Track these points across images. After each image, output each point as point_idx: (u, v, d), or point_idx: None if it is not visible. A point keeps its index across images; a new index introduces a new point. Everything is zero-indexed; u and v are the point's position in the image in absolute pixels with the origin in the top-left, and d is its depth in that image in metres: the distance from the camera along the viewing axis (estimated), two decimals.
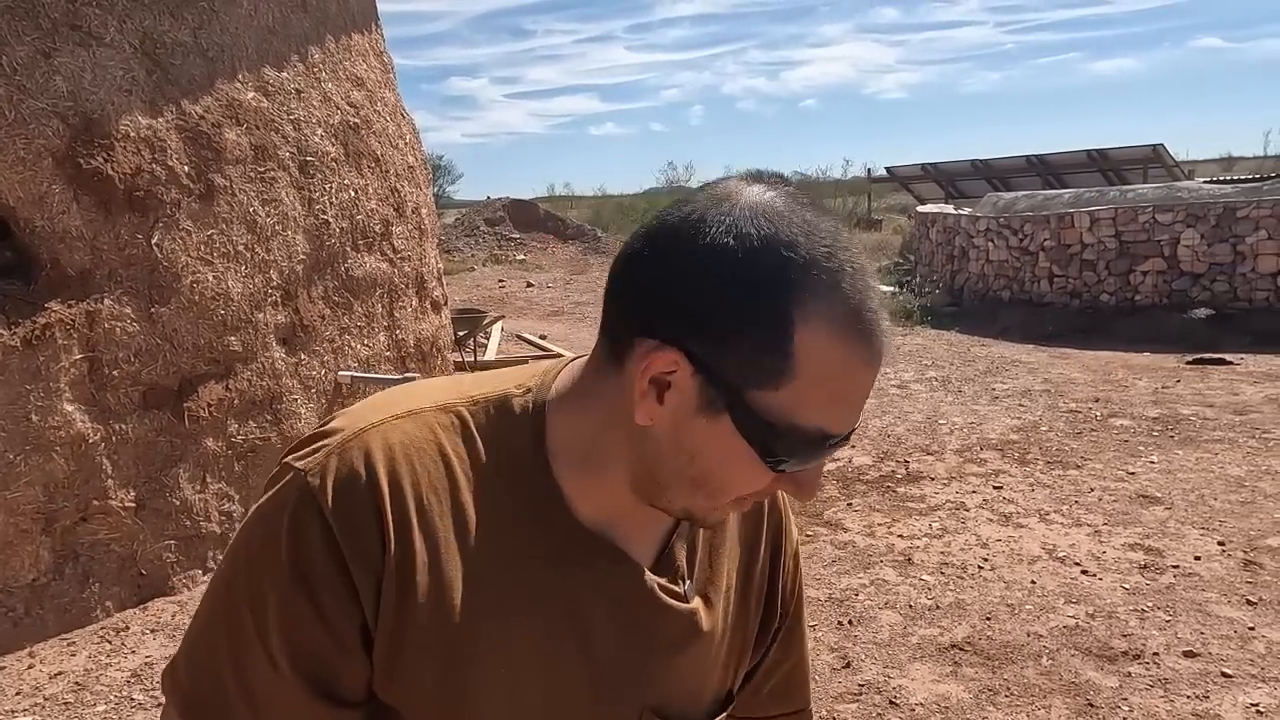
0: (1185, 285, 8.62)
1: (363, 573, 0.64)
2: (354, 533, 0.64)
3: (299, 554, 0.64)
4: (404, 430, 0.69)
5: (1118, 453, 5.13)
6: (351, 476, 0.65)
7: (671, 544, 0.75)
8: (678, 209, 0.65)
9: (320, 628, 0.65)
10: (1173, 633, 3.12)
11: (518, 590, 0.69)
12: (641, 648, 0.73)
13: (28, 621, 3.17)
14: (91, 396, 3.30)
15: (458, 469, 0.69)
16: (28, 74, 3.14)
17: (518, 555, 0.69)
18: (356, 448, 0.67)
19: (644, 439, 0.66)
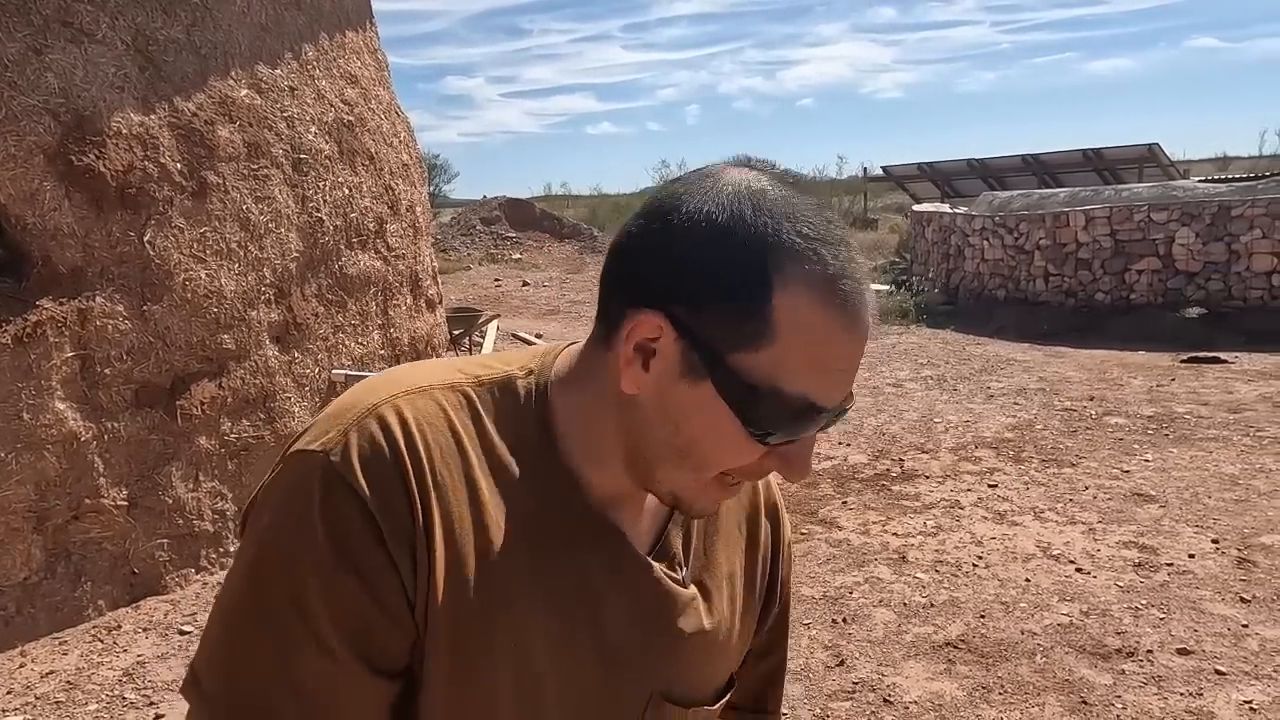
0: (1180, 284, 8.63)
1: (399, 543, 0.64)
2: (387, 504, 0.64)
3: (336, 532, 0.63)
4: (415, 404, 0.69)
5: (1112, 451, 5.13)
6: (375, 449, 0.65)
7: (667, 531, 0.76)
8: (666, 187, 0.68)
9: (370, 603, 0.64)
10: (1166, 630, 3.12)
11: (530, 569, 0.69)
12: (651, 631, 0.73)
13: (19, 620, 3.15)
14: (83, 394, 3.29)
15: (468, 446, 0.69)
16: (19, 71, 3.13)
17: (529, 534, 0.69)
18: (374, 421, 0.66)
19: (633, 410, 0.67)
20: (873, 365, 7.75)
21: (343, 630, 0.64)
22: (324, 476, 0.64)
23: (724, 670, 0.81)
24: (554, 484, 0.71)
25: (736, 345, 0.62)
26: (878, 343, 8.79)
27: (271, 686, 0.65)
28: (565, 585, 0.70)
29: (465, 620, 0.67)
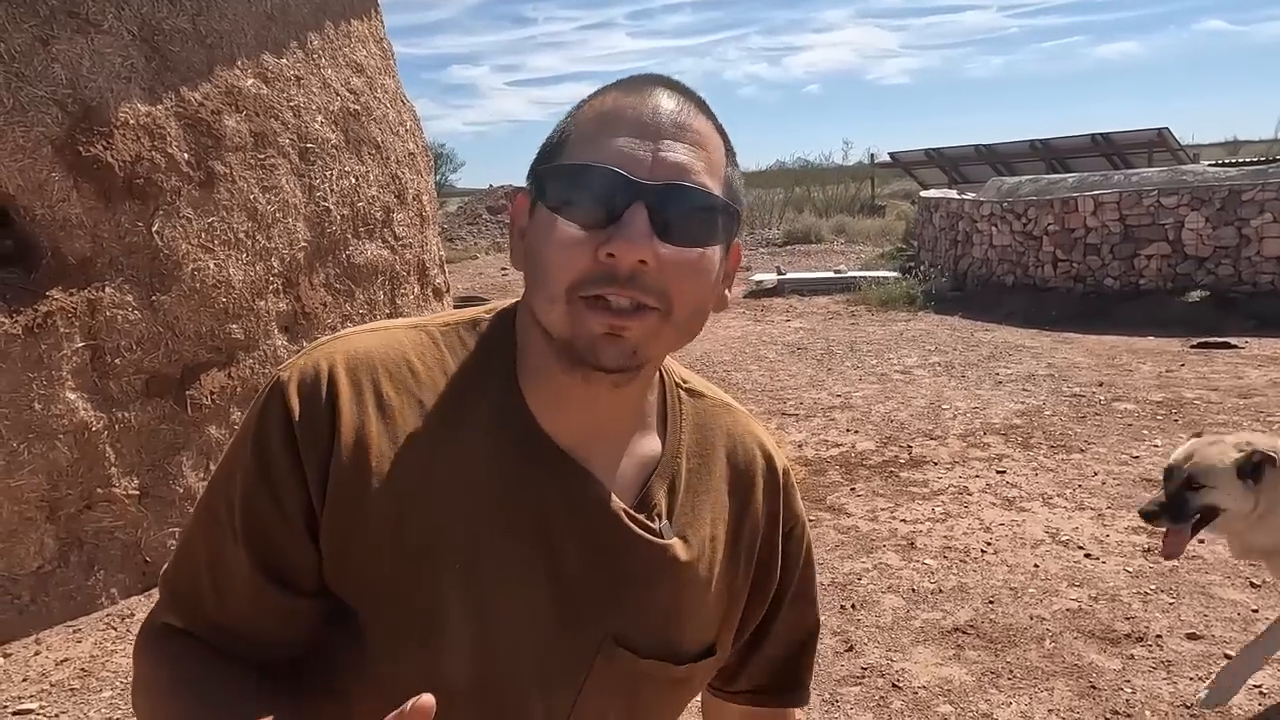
0: (1190, 269, 8.59)
1: (311, 455, 0.68)
2: (307, 417, 0.69)
3: (261, 434, 0.70)
4: (373, 337, 0.74)
5: (1121, 437, 5.12)
6: (315, 371, 0.71)
7: (650, 482, 0.76)
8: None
9: (272, 505, 0.69)
10: (1176, 615, 3.12)
11: (485, 495, 0.71)
12: (608, 574, 0.73)
13: (33, 609, 3.18)
14: (94, 384, 3.31)
15: (424, 377, 0.73)
16: (26, 61, 3.13)
17: (486, 462, 0.71)
18: (325, 351, 0.73)
19: (526, 287, 0.72)
20: (880, 352, 7.74)
21: (245, 520, 0.70)
22: (269, 393, 0.71)
23: (694, 632, 0.79)
24: (513, 414, 0.73)
25: (548, 161, 0.70)
26: (885, 330, 8.78)
27: (200, 567, 0.72)
28: (521, 514, 0.71)
29: (408, 540, 0.69)
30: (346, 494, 0.68)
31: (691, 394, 0.83)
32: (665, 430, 0.80)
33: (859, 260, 14.12)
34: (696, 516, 0.79)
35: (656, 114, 0.68)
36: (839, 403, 6.13)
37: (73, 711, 2.76)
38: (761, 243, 17.29)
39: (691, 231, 0.67)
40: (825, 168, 26.15)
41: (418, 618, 0.69)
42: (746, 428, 0.86)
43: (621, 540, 0.73)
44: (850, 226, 17.77)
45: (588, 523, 0.73)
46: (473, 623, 0.70)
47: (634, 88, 0.70)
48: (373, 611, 0.70)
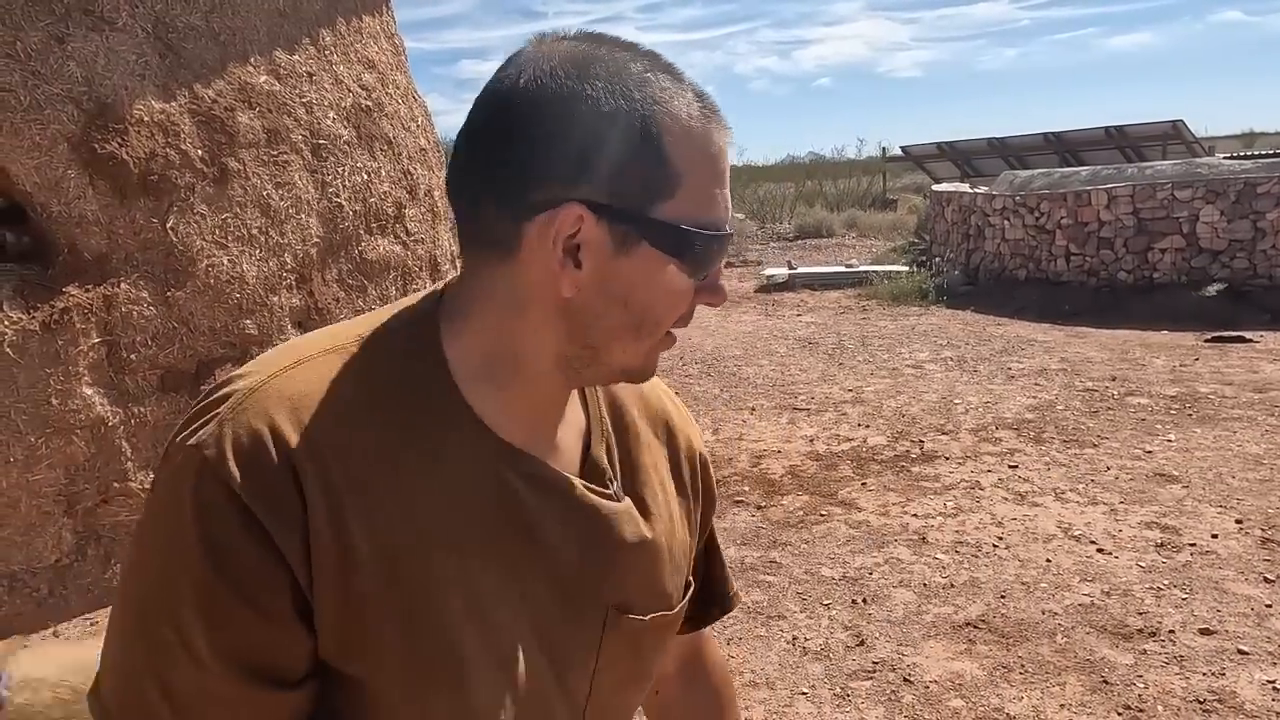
0: (1204, 262, 8.53)
1: (286, 536, 0.60)
2: (267, 496, 0.60)
3: (211, 535, 0.59)
4: (296, 379, 0.64)
5: (1135, 431, 5.10)
6: (252, 438, 0.60)
7: (591, 448, 0.75)
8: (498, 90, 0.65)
9: (248, 610, 0.60)
10: (1189, 610, 3.11)
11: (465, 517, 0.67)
12: (591, 549, 0.73)
13: (51, 602, 3.22)
14: (110, 379, 3.33)
15: (364, 409, 0.65)
16: (41, 59, 3.16)
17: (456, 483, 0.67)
18: (251, 408, 0.62)
19: (569, 313, 0.66)
20: (892, 347, 7.72)
21: (218, 641, 0.60)
22: (198, 475, 0.60)
23: (677, 576, 0.81)
24: (465, 425, 0.68)
25: (654, 198, 0.63)
26: (897, 324, 8.76)
27: (152, 700, 0.61)
28: (503, 525, 0.68)
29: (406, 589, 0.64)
30: (334, 564, 0.61)
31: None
32: (584, 395, 0.78)
33: (870, 254, 14.08)
34: (640, 467, 0.79)
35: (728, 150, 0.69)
36: (850, 397, 6.12)
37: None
38: (773, 237, 17.26)
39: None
40: (836, 161, 26.08)
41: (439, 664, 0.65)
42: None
43: (592, 515, 0.73)
44: (861, 221, 17.72)
45: (561, 510, 0.71)
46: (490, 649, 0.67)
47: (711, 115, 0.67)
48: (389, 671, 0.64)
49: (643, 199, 0.63)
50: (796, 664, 2.90)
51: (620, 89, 0.63)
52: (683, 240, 0.64)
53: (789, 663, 2.91)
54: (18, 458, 3.09)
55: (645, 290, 0.65)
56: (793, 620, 3.18)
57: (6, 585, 3.14)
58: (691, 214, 0.64)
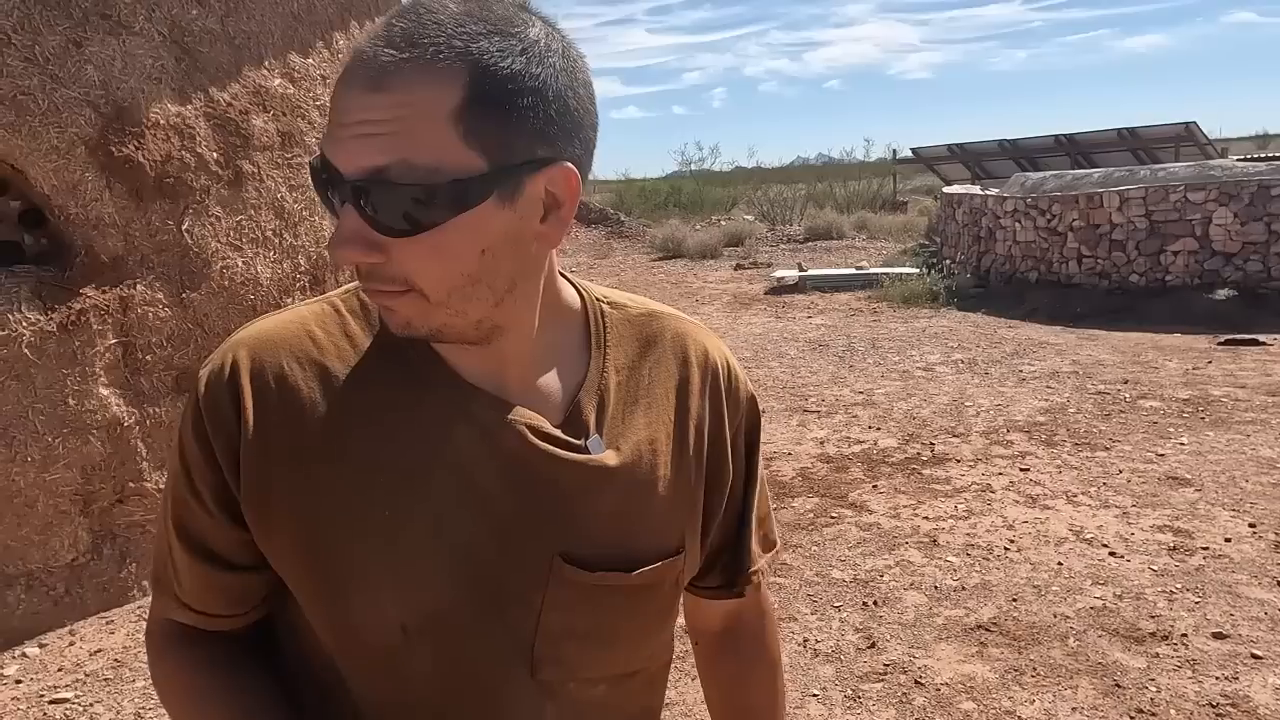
0: (1217, 265, 8.49)
1: (220, 444, 0.72)
2: (213, 411, 0.73)
3: (183, 435, 0.75)
4: (274, 320, 0.77)
5: (1147, 434, 5.08)
6: (220, 362, 0.74)
7: (578, 399, 0.77)
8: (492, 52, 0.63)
9: (192, 495, 0.74)
10: (1201, 614, 3.10)
11: (404, 440, 0.73)
12: (539, 495, 0.74)
13: (68, 600, 3.25)
14: (126, 380, 3.36)
15: (325, 343, 0.75)
16: (60, 63, 3.19)
17: (398, 407, 0.73)
18: (231, 341, 0.76)
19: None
20: (902, 349, 7.71)
21: (175, 515, 0.76)
22: (190, 392, 0.76)
23: (648, 537, 0.79)
24: (423, 364, 0.74)
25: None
26: (908, 326, 8.75)
27: (164, 553, 0.79)
28: (441, 451, 0.72)
29: (321, 489, 0.72)
30: (257, 470, 0.72)
31: (614, 306, 0.83)
32: (591, 347, 0.80)
33: (881, 256, 14.06)
34: (629, 425, 0.79)
35: (350, 96, 0.62)
36: (861, 400, 6.12)
37: (107, 701, 2.82)
38: (783, 239, 17.25)
39: (407, 221, 0.62)
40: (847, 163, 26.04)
41: (357, 570, 0.72)
42: (676, 329, 0.85)
43: (545, 460, 0.74)
44: (872, 223, 17.69)
45: (508, 449, 0.73)
46: (410, 563, 0.72)
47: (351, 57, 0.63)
48: (311, 573, 0.73)
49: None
50: (807, 666, 2.91)
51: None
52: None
53: (800, 664, 2.91)
54: (35, 457, 3.12)
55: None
56: (804, 622, 3.18)
57: (24, 584, 3.17)
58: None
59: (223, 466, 0.72)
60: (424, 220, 0.62)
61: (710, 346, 0.87)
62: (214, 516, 0.74)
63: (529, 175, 0.65)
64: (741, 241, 16.31)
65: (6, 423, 3.07)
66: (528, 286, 0.73)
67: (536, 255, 0.71)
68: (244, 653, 0.80)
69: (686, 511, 0.82)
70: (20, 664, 3.01)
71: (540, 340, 0.76)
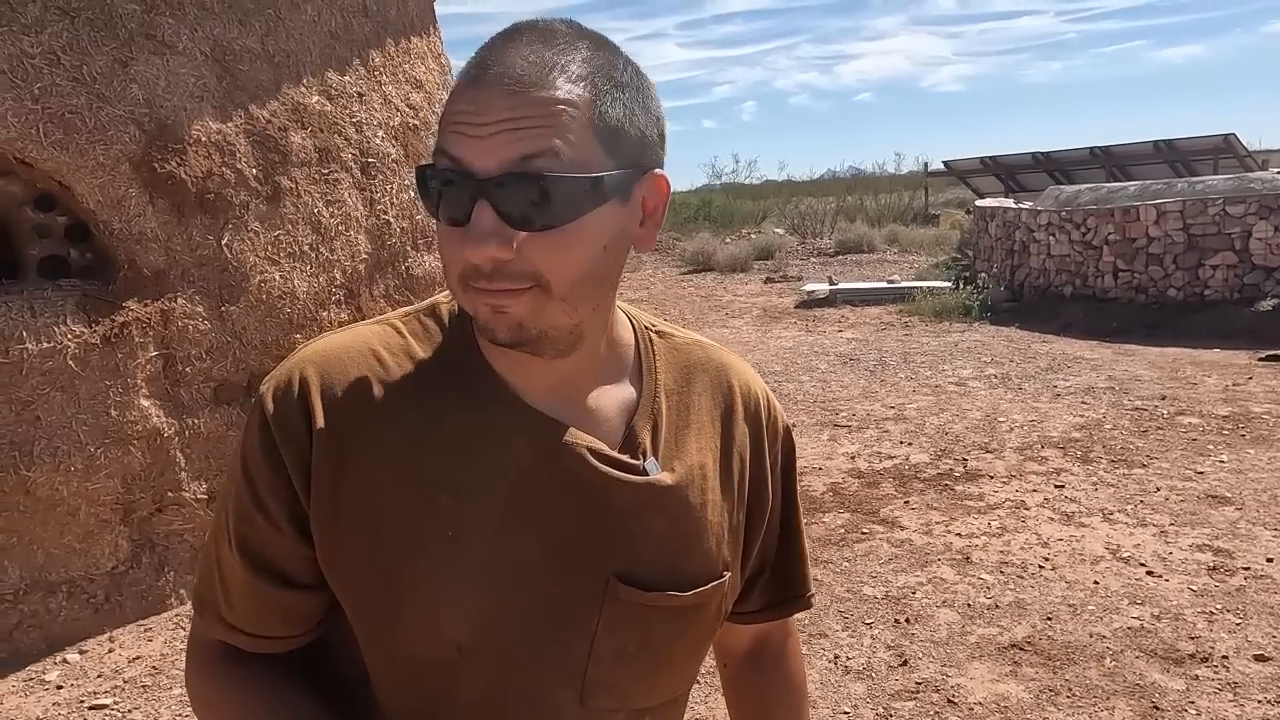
0: (1258, 279, 8.34)
1: (291, 457, 0.73)
2: (282, 421, 0.73)
3: (246, 446, 0.75)
4: (338, 337, 0.78)
5: (1185, 451, 4.99)
6: (286, 381, 0.75)
7: (634, 423, 0.79)
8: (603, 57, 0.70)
9: (258, 511, 0.74)
10: (1243, 636, 3.04)
11: (465, 461, 0.74)
12: (598, 516, 0.76)
13: (108, 608, 3.31)
14: (166, 392, 3.43)
15: (391, 364, 0.76)
16: (106, 83, 3.27)
17: (460, 430, 0.75)
18: (296, 357, 0.77)
19: None
20: (934, 364, 7.65)
21: (237, 529, 0.75)
22: (254, 409, 0.76)
23: (699, 559, 0.80)
24: (483, 385, 0.76)
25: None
26: (940, 340, 8.68)
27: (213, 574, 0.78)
28: (502, 473, 0.74)
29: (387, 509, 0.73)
30: (329, 491, 0.72)
31: (661, 335, 0.86)
32: (641, 374, 0.82)
33: (912, 270, 13.97)
34: (681, 449, 0.81)
35: (489, 98, 0.65)
36: (892, 414, 6.07)
37: (145, 708, 2.86)
38: (813, 252, 17.20)
39: (544, 214, 0.65)
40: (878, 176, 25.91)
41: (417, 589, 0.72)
42: (720, 360, 0.88)
43: (604, 481, 0.75)
44: (903, 236, 17.58)
45: (568, 471, 0.75)
46: (470, 584, 0.73)
47: (479, 63, 0.67)
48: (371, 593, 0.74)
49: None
50: (838, 683, 2.89)
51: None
52: (417, 181, 0.70)
53: (831, 681, 2.89)
54: (78, 467, 3.19)
55: (438, 239, 0.71)
56: (834, 639, 3.16)
57: (65, 591, 3.23)
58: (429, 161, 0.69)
59: (293, 478, 0.73)
60: (565, 213, 0.66)
61: (750, 379, 0.89)
62: (281, 531, 0.74)
63: (637, 179, 0.70)
64: (772, 255, 16.28)
65: (51, 433, 3.15)
66: (612, 295, 0.76)
67: (624, 260, 0.76)
68: (287, 671, 0.80)
69: (731, 536, 0.84)
70: (61, 670, 3.07)
71: (600, 362, 0.79)
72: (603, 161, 0.67)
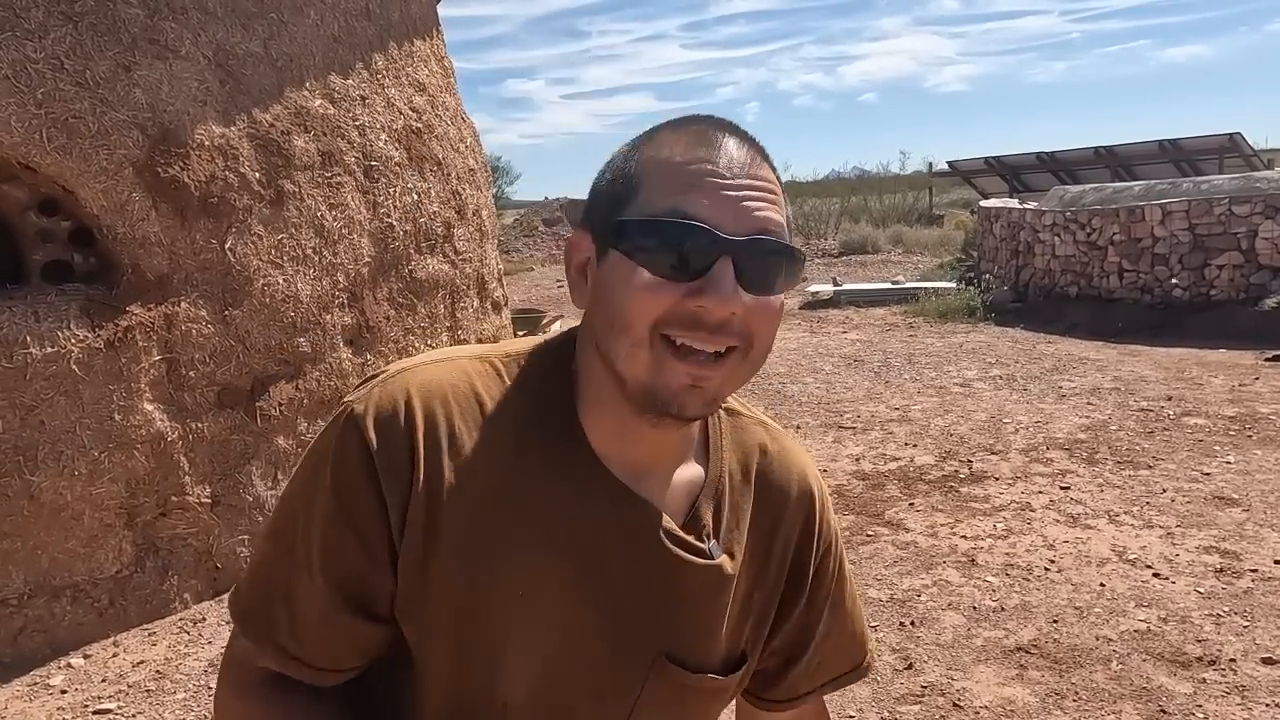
0: (1264, 279, 8.31)
1: (393, 490, 0.71)
2: (387, 452, 0.71)
3: (341, 471, 0.71)
4: (442, 370, 0.76)
5: (1192, 452, 4.97)
6: (391, 404, 0.73)
7: (698, 503, 0.80)
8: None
9: (354, 538, 0.71)
10: (1251, 639, 3.02)
11: (546, 524, 0.74)
12: (661, 595, 0.77)
13: (112, 612, 3.31)
14: (170, 396, 3.43)
15: (489, 406, 0.75)
16: (109, 87, 3.28)
17: (546, 491, 0.74)
18: (398, 382, 0.75)
19: (589, 324, 0.75)
20: (939, 365, 7.63)
21: (325, 555, 0.72)
22: (345, 424, 0.73)
23: (733, 644, 0.82)
24: (571, 443, 0.76)
25: (618, 208, 0.71)
26: (944, 341, 8.66)
27: (274, 594, 0.74)
28: (579, 541, 0.74)
29: (475, 567, 0.72)
30: (423, 529, 0.71)
31: (730, 413, 0.87)
32: (709, 451, 0.83)
33: (917, 271, 13.94)
34: (739, 534, 0.82)
35: (731, 165, 0.70)
36: (897, 416, 6.06)
37: (149, 712, 2.86)
38: (818, 253, 17.17)
39: (770, 280, 0.70)
40: (882, 177, 25.89)
41: (483, 641, 0.73)
42: (782, 445, 0.89)
43: (674, 562, 0.77)
44: (908, 236, 17.56)
45: (642, 548, 0.76)
46: (533, 646, 0.73)
47: (703, 136, 0.71)
48: (440, 636, 0.73)
49: (609, 211, 0.72)
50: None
51: (630, 144, 0.74)
52: (626, 233, 0.69)
53: None
54: (81, 471, 3.19)
55: (618, 289, 0.69)
56: None
57: (70, 596, 3.24)
58: (643, 210, 0.69)
59: (390, 514, 0.71)
60: (782, 283, 0.71)
61: (809, 472, 0.89)
62: (374, 560, 0.72)
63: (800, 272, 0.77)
64: None
65: (55, 437, 3.15)
66: None
67: None
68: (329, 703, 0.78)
69: (760, 622, 0.85)
70: (65, 674, 3.07)
71: (684, 439, 0.80)
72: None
